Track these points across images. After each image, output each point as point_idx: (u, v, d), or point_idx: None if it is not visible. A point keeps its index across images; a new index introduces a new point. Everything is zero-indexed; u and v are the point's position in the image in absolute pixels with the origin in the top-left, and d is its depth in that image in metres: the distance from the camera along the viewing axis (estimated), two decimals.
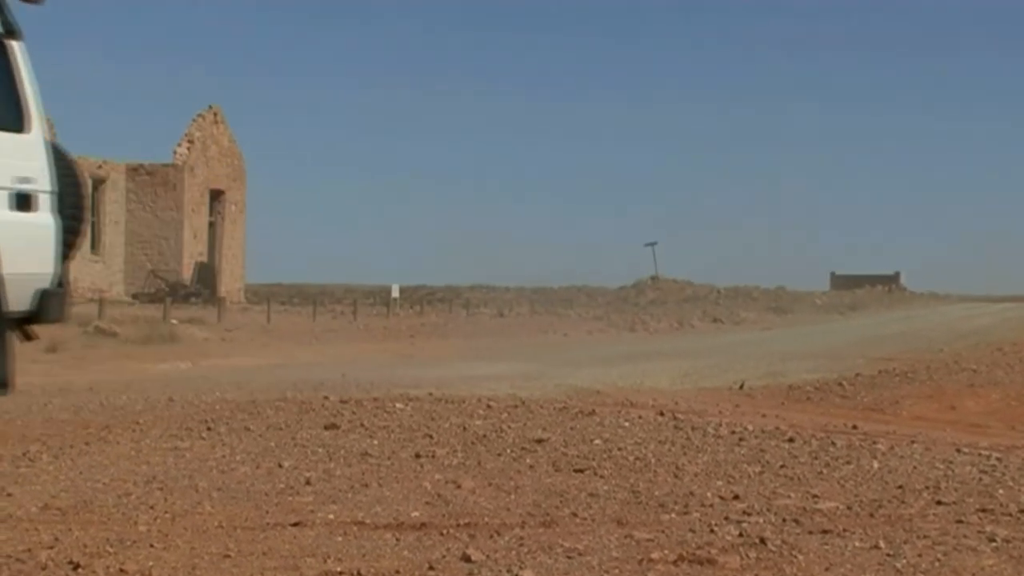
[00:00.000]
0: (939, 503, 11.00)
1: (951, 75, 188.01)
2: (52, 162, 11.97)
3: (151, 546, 9.16)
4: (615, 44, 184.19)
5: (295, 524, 9.97)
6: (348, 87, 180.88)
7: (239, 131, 70.28)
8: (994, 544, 9.33)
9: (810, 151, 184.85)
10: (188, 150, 66.01)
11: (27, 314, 11.73)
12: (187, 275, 65.14)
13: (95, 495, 11.17)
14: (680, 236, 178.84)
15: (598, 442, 14.41)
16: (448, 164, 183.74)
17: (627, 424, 16.02)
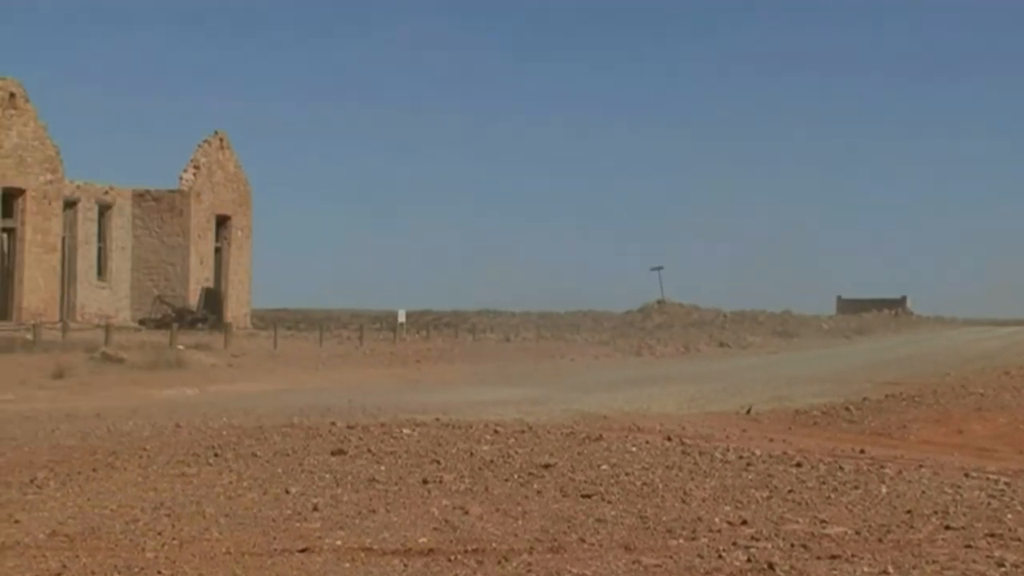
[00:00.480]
0: (948, 528, 10.99)
1: (954, 98, 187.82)
2: None
3: (158, 573, 9.16)
4: (623, 67, 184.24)
5: (303, 550, 9.97)
6: (355, 111, 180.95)
7: (245, 157, 70.31)
8: (1003, 569, 9.32)
9: (817, 175, 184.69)
10: (194, 176, 66.03)
11: None
12: (193, 301, 65.10)
13: (102, 522, 11.17)
14: (686, 261, 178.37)
15: (605, 467, 14.40)
16: (454, 188, 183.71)
17: (634, 449, 16.00)
